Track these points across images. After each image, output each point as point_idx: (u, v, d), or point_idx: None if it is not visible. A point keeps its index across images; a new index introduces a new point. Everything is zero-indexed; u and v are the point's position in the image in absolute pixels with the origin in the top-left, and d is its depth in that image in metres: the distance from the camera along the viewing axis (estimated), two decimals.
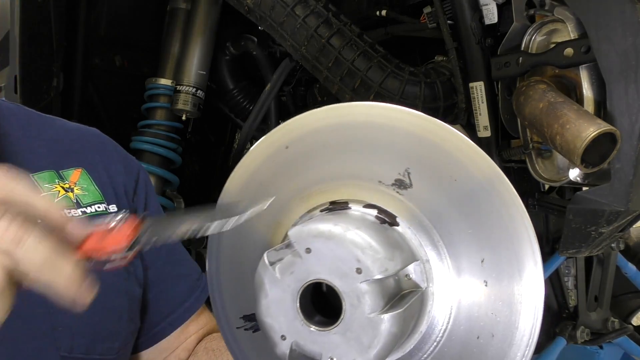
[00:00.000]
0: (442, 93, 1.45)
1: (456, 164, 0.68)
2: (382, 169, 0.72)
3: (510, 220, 0.67)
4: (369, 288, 0.64)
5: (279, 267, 0.68)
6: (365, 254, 0.64)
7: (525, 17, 1.28)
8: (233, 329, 0.83)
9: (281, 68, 1.89)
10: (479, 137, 1.41)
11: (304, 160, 0.75)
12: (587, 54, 1.13)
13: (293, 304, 0.67)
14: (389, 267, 0.65)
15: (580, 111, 1.10)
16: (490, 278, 0.69)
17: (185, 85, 1.94)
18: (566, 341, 1.78)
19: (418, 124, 0.69)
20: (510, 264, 0.67)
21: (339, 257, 0.65)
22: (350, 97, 1.47)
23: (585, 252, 1.24)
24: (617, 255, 1.84)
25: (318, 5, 1.53)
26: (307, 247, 0.66)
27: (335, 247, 0.65)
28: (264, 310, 0.69)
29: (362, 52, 1.47)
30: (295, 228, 0.69)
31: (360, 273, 0.64)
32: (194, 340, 1.17)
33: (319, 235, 0.66)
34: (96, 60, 2.06)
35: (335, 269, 0.65)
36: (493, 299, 0.69)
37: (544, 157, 1.30)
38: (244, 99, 2.09)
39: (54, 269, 0.54)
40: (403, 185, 0.70)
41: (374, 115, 0.71)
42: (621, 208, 1.10)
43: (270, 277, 0.68)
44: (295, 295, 0.67)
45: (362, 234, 0.66)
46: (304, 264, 0.66)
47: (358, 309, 0.64)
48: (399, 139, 0.70)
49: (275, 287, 0.68)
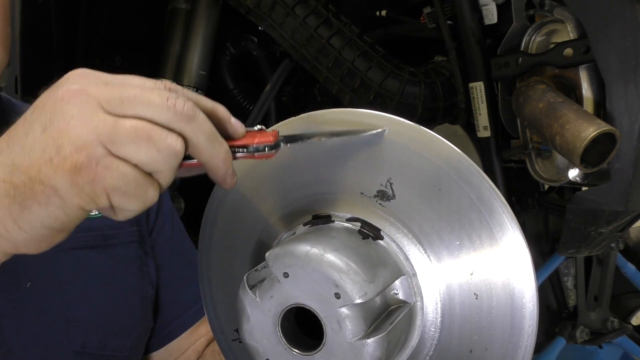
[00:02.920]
0: (442, 93, 1.45)
1: (439, 173, 0.66)
2: (362, 180, 0.70)
3: (501, 235, 0.65)
4: (349, 312, 0.62)
5: (259, 291, 0.67)
6: (343, 278, 0.62)
7: (524, 18, 1.28)
8: (229, 340, 0.83)
9: (281, 68, 1.89)
10: (479, 137, 1.41)
11: (285, 172, 0.74)
12: (586, 54, 1.13)
13: (274, 328, 0.66)
14: (368, 290, 0.63)
15: (580, 111, 1.10)
16: (480, 291, 0.67)
17: (185, 85, 1.94)
18: (566, 341, 1.78)
19: (399, 132, 0.67)
20: (502, 283, 0.66)
21: (317, 282, 0.63)
22: (350, 98, 1.47)
23: (585, 252, 1.24)
24: (616, 255, 1.84)
25: (318, 6, 1.53)
26: (284, 271, 0.65)
27: (312, 271, 0.64)
28: (247, 334, 0.68)
29: (362, 52, 1.47)
30: (273, 251, 0.67)
31: (339, 298, 0.62)
32: (203, 343, 1.18)
33: (296, 259, 0.64)
34: (96, 60, 2.05)
35: (313, 294, 0.64)
36: (485, 311, 0.67)
37: (543, 157, 1.30)
38: (244, 99, 2.09)
39: (215, 145, 0.61)
40: (386, 196, 0.69)
41: (352, 123, 0.69)
42: (620, 208, 1.10)
43: (251, 301, 0.67)
44: (276, 319, 0.66)
45: (340, 256, 0.64)
46: (283, 288, 0.65)
47: (339, 334, 0.63)
48: (378, 147, 0.68)
49: (257, 310, 0.67)
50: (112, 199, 0.58)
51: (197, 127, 0.59)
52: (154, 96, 0.58)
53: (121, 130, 0.56)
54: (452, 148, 0.66)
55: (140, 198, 0.59)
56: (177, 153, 0.58)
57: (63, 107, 0.58)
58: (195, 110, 0.60)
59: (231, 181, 0.64)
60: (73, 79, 0.61)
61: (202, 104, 0.63)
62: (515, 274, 0.65)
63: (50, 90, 0.61)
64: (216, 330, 0.84)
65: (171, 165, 0.59)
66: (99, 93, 0.58)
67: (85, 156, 0.56)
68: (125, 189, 0.57)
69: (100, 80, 0.60)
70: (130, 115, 0.57)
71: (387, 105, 1.43)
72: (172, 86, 0.62)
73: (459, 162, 0.66)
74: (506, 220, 0.65)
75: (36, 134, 0.58)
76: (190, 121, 0.59)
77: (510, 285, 0.66)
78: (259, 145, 0.64)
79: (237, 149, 0.64)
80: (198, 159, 0.61)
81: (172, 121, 0.58)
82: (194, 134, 0.59)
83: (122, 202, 0.58)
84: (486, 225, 0.65)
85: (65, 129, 0.57)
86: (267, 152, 0.64)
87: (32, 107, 0.62)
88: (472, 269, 0.67)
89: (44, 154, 0.57)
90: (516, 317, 0.65)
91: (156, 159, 0.58)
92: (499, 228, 0.65)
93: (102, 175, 0.56)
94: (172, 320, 1.14)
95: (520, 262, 0.65)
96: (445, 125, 1.52)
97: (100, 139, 0.56)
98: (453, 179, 0.66)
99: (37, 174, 0.58)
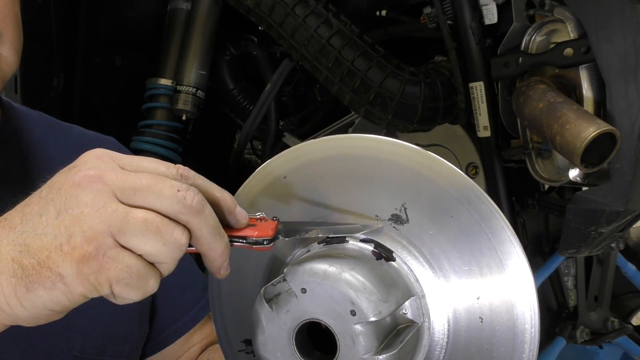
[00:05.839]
0: (442, 93, 1.45)
1: (452, 201, 0.68)
2: (379, 203, 0.72)
3: (508, 262, 0.67)
4: (363, 329, 0.65)
5: (276, 305, 0.69)
6: (359, 297, 0.65)
7: (525, 17, 1.28)
8: (235, 351, 0.84)
9: (281, 68, 1.89)
10: (479, 137, 1.41)
11: (301, 191, 0.76)
12: (586, 54, 1.13)
13: (289, 341, 0.69)
14: (382, 309, 0.66)
15: (580, 111, 1.10)
16: (484, 315, 0.69)
17: (185, 86, 1.94)
18: (566, 341, 1.78)
19: (415, 159, 0.70)
20: (506, 309, 0.68)
21: (334, 299, 0.66)
22: (350, 97, 1.47)
23: (585, 252, 1.24)
24: (617, 255, 1.84)
25: (318, 6, 1.53)
26: (302, 287, 0.67)
27: (329, 288, 0.66)
28: (261, 346, 0.70)
29: (362, 52, 1.47)
30: (292, 267, 0.69)
31: (354, 315, 0.65)
32: (197, 350, 1.18)
33: (315, 276, 0.67)
34: (96, 60, 2.06)
35: (329, 310, 0.66)
36: (489, 334, 0.69)
37: (543, 157, 1.30)
38: (244, 99, 2.09)
39: (216, 238, 0.64)
40: (400, 220, 0.71)
41: (372, 149, 0.72)
42: (621, 208, 1.10)
43: (267, 314, 0.69)
44: (291, 333, 0.68)
45: (357, 275, 0.67)
46: (300, 303, 0.68)
47: (352, 350, 0.65)
48: (395, 173, 0.70)
49: (272, 323, 0.69)
50: (114, 288, 0.60)
51: (202, 220, 0.62)
52: (166, 187, 0.61)
53: (131, 222, 0.59)
54: (464, 177, 0.68)
55: (141, 289, 0.61)
56: (182, 247, 0.61)
57: (79, 193, 0.60)
58: (202, 204, 0.62)
59: (225, 273, 0.67)
60: (91, 162, 0.63)
61: (210, 194, 0.66)
62: (519, 300, 0.68)
63: (69, 171, 0.64)
64: (222, 339, 0.85)
65: (174, 257, 0.62)
66: (114, 180, 0.61)
67: (94, 247, 0.58)
68: (128, 280, 0.60)
69: (116, 164, 0.63)
70: (141, 206, 0.60)
71: (387, 105, 1.43)
72: (185, 172, 0.65)
73: (470, 190, 0.68)
74: (513, 249, 0.67)
75: (50, 217, 0.61)
76: (197, 215, 0.62)
77: (514, 311, 0.68)
78: (258, 238, 0.67)
79: (236, 239, 0.67)
80: (197, 249, 0.64)
81: (180, 213, 0.61)
82: (198, 227, 0.62)
83: (124, 292, 0.61)
84: (495, 254, 0.68)
85: (78, 217, 0.59)
86: (265, 245, 0.67)
87: (48, 185, 0.64)
88: (478, 293, 0.69)
89: (55, 240, 0.60)
90: (518, 341, 0.68)
91: (161, 251, 0.60)
92: (507, 256, 0.68)
93: (108, 267, 0.59)
94: (166, 327, 1.15)
95: (524, 289, 0.68)
96: (445, 125, 1.52)
97: (111, 229, 0.59)
98: (464, 207, 0.68)
99: (46, 259, 0.60)
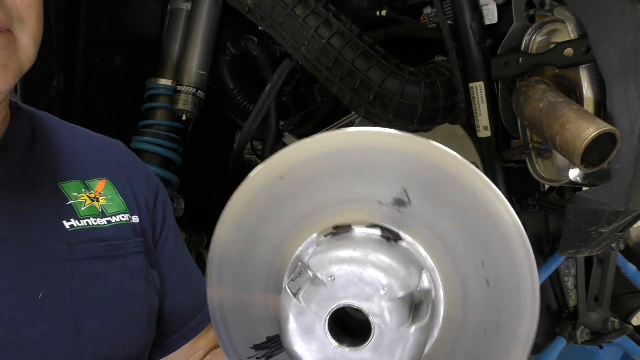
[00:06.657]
0: (442, 93, 1.45)
1: (451, 181, 0.70)
2: (379, 189, 0.74)
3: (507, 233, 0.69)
4: (394, 305, 0.68)
5: (303, 296, 0.71)
6: (388, 275, 0.69)
7: (525, 17, 1.28)
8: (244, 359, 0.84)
9: (281, 68, 1.89)
10: (479, 137, 1.41)
11: (301, 189, 0.76)
12: (586, 54, 1.13)
13: (322, 329, 0.70)
14: (410, 283, 0.70)
15: (580, 111, 1.10)
16: (490, 277, 0.71)
17: (185, 86, 1.94)
18: (566, 341, 1.78)
19: (409, 146, 0.71)
20: (508, 272, 0.70)
21: (364, 280, 0.69)
22: (350, 97, 1.47)
23: (585, 252, 1.24)
24: (617, 255, 1.84)
25: (318, 6, 1.53)
26: (330, 274, 0.70)
27: (358, 271, 0.69)
28: (292, 340, 0.72)
29: (362, 52, 1.47)
30: (316, 257, 0.72)
31: (384, 293, 0.68)
32: (202, 355, 1.19)
33: (342, 262, 0.70)
34: (96, 60, 2.05)
35: (360, 292, 0.69)
36: (495, 294, 0.71)
37: (544, 157, 1.30)
38: (244, 99, 2.09)
39: None
40: (402, 203, 0.72)
41: (366, 141, 0.73)
42: (621, 208, 1.11)
43: (296, 307, 0.71)
44: (323, 321, 0.70)
45: (380, 256, 0.70)
46: (329, 290, 0.70)
47: (387, 326, 0.68)
48: (393, 159, 0.72)
49: (302, 316, 0.71)
50: None
51: None
52: None
53: None
54: (457, 156, 0.69)
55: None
56: None
57: None
58: None
59: None
60: None
61: None
62: (519, 260, 0.70)
63: None
64: (229, 351, 0.85)
65: None
66: None
67: None
68: None
69: None
70: None
71: (387, 105, 1.43)
72: None
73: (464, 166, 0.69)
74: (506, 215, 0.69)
75: None
76: None
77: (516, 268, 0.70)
78: None
79: None
80: None
81: None
82: None
83: None
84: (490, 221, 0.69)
85: None
86: None
87: None
88: (482, 260, 0.72)
89: None
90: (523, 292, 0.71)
91: None
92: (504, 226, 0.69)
93: None
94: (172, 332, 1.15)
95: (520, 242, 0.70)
96: (445, 125, 1.52)
97: None
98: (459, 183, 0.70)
99: None
